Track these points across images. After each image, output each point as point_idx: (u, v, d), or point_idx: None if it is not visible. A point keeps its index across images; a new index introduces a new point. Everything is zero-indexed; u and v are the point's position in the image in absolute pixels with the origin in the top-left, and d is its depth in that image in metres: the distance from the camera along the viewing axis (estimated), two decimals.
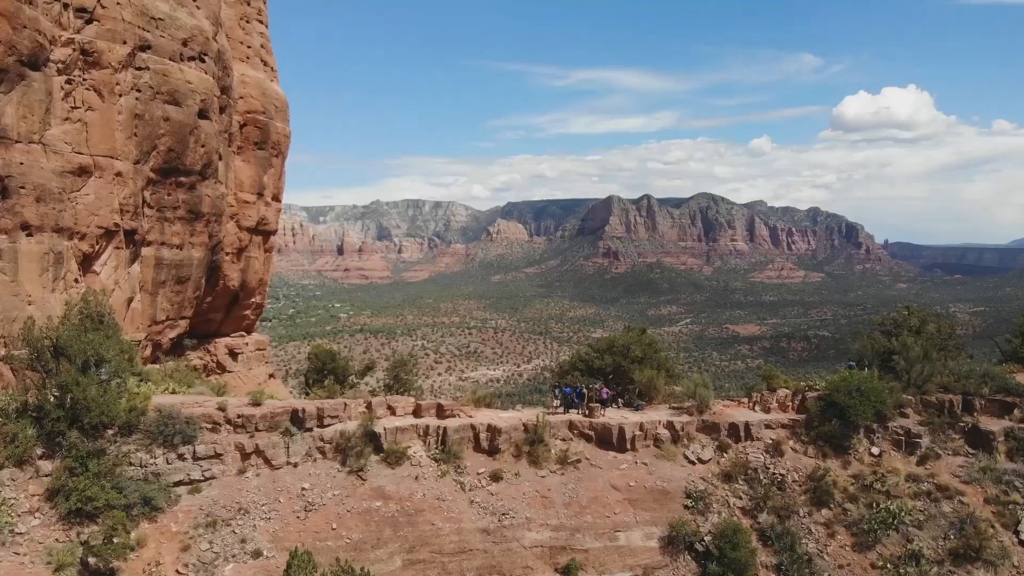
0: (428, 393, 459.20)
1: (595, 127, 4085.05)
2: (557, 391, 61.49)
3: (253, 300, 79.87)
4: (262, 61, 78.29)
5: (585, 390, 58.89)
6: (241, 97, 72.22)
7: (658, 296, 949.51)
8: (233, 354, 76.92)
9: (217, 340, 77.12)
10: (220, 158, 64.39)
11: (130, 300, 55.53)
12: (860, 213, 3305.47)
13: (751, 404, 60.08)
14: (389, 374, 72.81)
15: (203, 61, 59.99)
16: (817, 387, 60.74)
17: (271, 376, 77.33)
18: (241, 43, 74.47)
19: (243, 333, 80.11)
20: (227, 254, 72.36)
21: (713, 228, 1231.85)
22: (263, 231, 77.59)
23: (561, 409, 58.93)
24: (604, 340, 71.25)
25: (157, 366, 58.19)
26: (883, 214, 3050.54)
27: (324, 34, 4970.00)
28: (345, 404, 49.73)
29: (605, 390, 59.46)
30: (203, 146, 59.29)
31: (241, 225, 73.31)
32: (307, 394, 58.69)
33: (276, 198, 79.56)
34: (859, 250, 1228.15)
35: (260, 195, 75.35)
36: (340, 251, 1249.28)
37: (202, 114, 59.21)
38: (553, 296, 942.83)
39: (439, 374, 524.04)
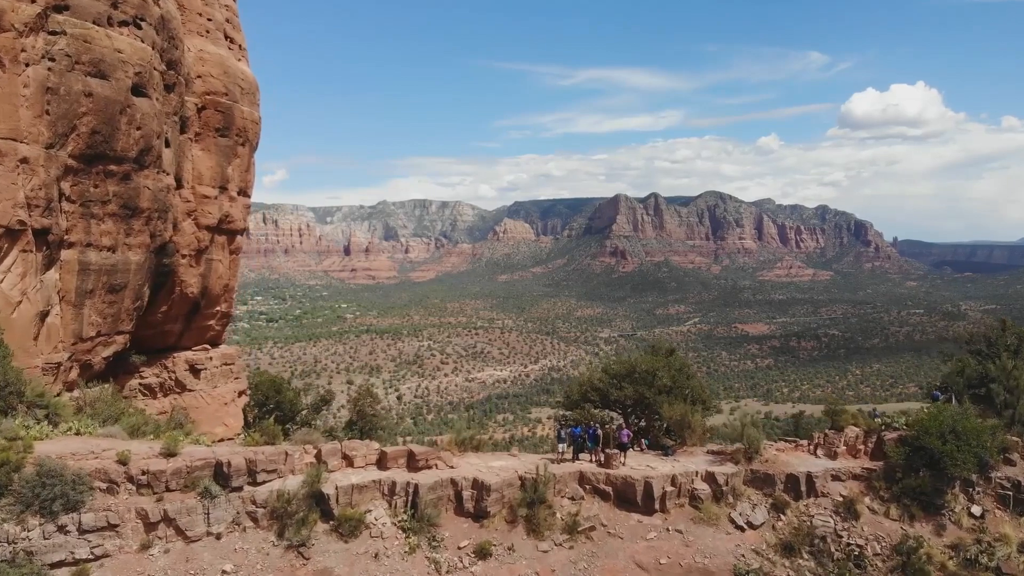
0: (433, 394, 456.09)
1: (601, 126, 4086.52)
2: (564, 432, 49.21)
3: (217, 309, 69.04)
4: (226, 37, 67.83)
5: (600, 431, 47.04)
6: (199, 76, 61.82)
7: (666, 295, 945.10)
8: (195, 370, 66.69)
9: (176, 355, 66.49)
10: (167, 145, 54.19)
11: (44, 314, 45.35)
12: (868, 211, 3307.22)
13: (812, 447, 48.12)
14: (351, 408, 61.16)
15: (139, 27, 49.66)
16: (896, 424, 48.64)
17: (241, 394, 67.04)
18: (200, 15, 63.93)
19: (207, 346, 69.56)
20: (184, 257, 61.98)
21: (721, 226, 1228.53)
22: (227, 230, 66.84)
23: (569, 455, 47.16)
24: (623, 363, 59.21)
25: (76, 394, 47.68)
26: (891, 212, 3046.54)
27: (329, 35, 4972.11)
28: (286, 454, 38.61)
29: (625, 431, 47.45)
30: (139, 128, 48.90)
31: (200, 223, 62.74)
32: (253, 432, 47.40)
33: (243, 192, 68.66)
34: (868, 248, 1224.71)
35: (223, 189, 64.72)
36: (347, 251, 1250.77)
37: (137, 90, 48.88)
38: (560, 296, 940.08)
39: (445, 375, 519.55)
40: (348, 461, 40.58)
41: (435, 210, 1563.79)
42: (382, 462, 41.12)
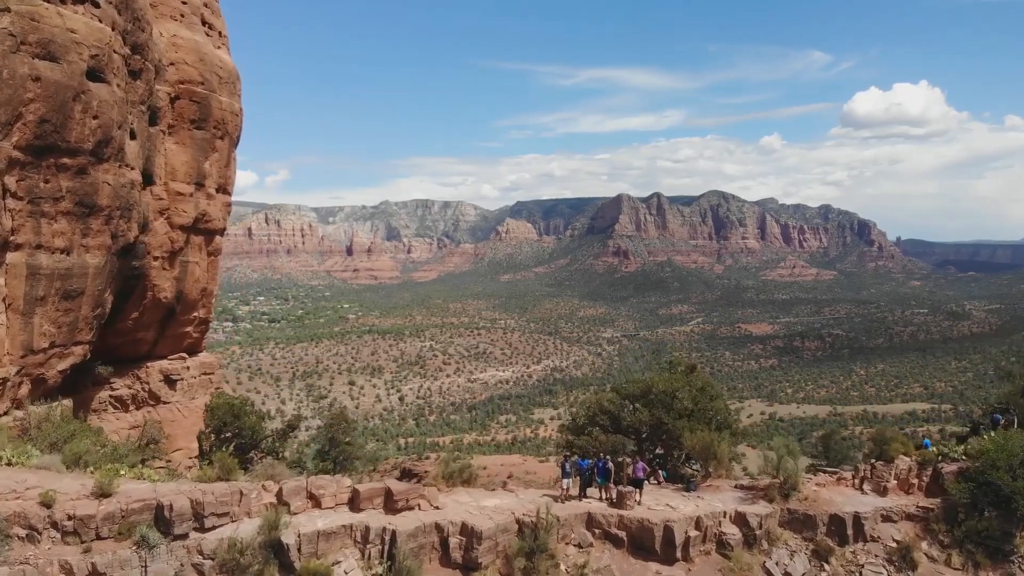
0: (435, 395, 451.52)
1: (603, 126, 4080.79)
2: (568, 464, 42.26)
3: (195, 315, 63.93)
4: (203, 22, 62.67)
5: (611, 464, 40.68)
6: (171, 64, 56.73)
7: (669, 295, 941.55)
8: (170, 381, 61.74)
9: (150, 364, 61.78)
10: (133, 136, 49.00)
11: None
12: (870, 210, 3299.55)
13: (857, 480, 41.57)
14: (323, 434, 56.50)
15: (96, 5, 44.36)
16: (955, 455, 41.94)
17: None
18: None
19: (184, 355, 64.24)
20: (156, 259, 57.09)
21: (724, 226, 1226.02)
22: (205, 230, 61.70)
23: (575, 490, 40.98)
24: (637, 383, 52.32)
25: (19, 413, 42.35)
26: (893, 211, 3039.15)
27: (332, 35, 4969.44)
28: (241, 493, 31.87)
29: (641, 465, 40.83)
30: (95, 117, 43.65)
31: (174, 223, 57.56)
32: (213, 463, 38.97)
33: (223, 190, 63.54)
34: (871, 247, 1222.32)
35: (200, 186, 59.49)
36: (349, 251, 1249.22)
37: (94, 75, 43.67)
38: (563, 296, 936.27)
39: (447, 375, 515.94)
40: (315, 501, 34.05)
41: (437, 210, 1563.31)
42: (355, 502, 34.21)
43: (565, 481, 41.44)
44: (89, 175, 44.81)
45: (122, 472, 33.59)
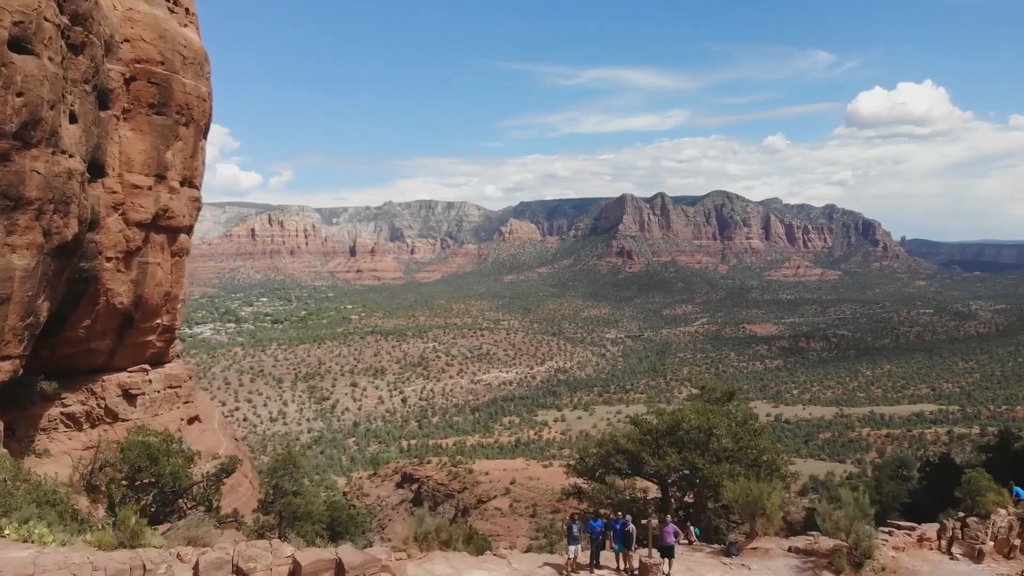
0: (438, 396, 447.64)
1: (607, 126, 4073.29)
2: (576, 526, 33.87)
3: (158, 322, 57.23)
4: None
5: (632, 527, 32.56)
6: (126, 40, 50.99)
7: (673, 295, 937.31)
8: (129, 395, 54.52)
9: (106, 378, 55.87)
10: (74, 120, 43.09)
11: None
12: (875, 210, 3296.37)
13: (944, 541, 33.21)
14: (267, 481, 45.57)
15: None
16: None
17: (192, 420, 55.55)
18: None
19: (146, 366, 57.34)
20: (109, 260, 51.67)
21: (728, 226, 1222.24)
22: (167, 227, 55.89)
23: (586, 559, 33.29)
24: (663, 416, 43.78)
25: None
26: (898, 211, 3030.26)
27: (336, 36, 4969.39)
28: (143, 568, 22.59)
29: (671, 528, 32.22)
30: (20, 95, 37.61)
31: (129, 219, 52.08)
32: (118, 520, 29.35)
33: (189, 183, 58.37)
34: (876, 247, 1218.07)
35: (160, 178, 53.39)
36: (352, 252, 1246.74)
37: (18, 45, 37.64)
38: (566, 296, 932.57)
39: (450, 377, 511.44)
40: None
41: (441, 211, 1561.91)
42: None
43: (572, 548, 33.19)
44: (13, 162, 38.85)
45: (5, 532, 26.11)
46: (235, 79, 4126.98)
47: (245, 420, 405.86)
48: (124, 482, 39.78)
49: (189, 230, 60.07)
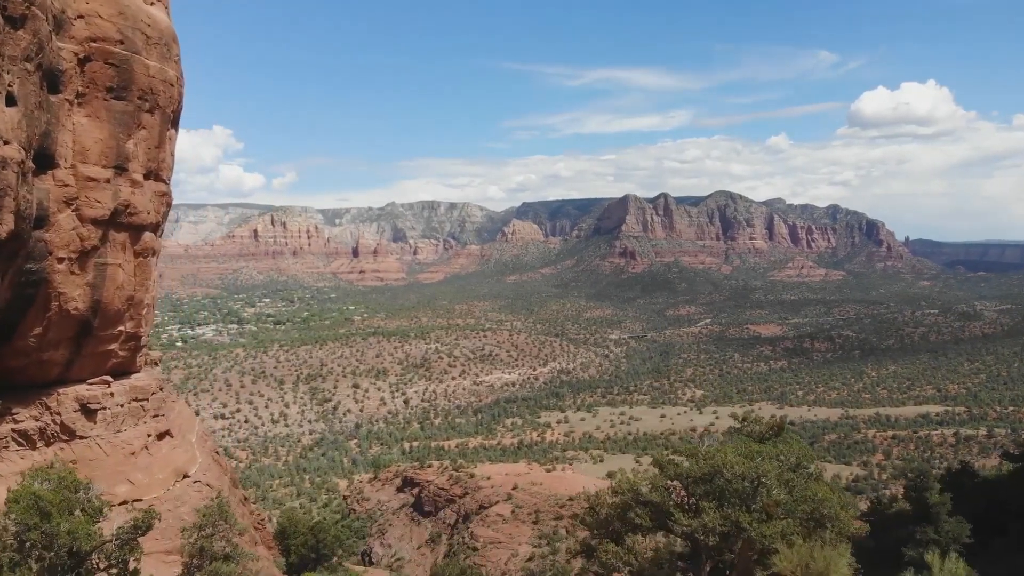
0: (441, 397, 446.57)
1: (610, 126, 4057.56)
2: None
3: (120, 329, 52.80)
4: None
5: None
6: (80, 16, 46.54)
7: (676, 296, 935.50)
8: (88, 410, 50.29)
9: (62, 391, 50.94)
10: (11, 102, 37.69)
11: None
12: (878, 210, 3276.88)
13: None
14: (189, 542, 37.90)
15: None
16: None
17: (163, 436, 50.21)
18: None
19: (108, 378, 53.00)
20: (61, 261, 46.97)
21: (731, 226, 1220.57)
22: (129, 225, 51.45)
23: None
24: (699, 460, 34.70)
25: None
26: (901, 211, 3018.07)
27: (338, 37, 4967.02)
28: None
29: None
30: None
31: (84, 216, 47.58)
32: None
33: (155, 175, 52.84)
34: (880, 247, 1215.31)
35: (121, 170, 49.70)
36: (355, 253, 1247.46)
37: None
38: (569, 297, 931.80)
39: (453, 378, 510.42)
40: None
41: (443, 211, 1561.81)
42: None
43: None
44: None
45: None
46: (238, 81, 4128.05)
47: (246, 422, 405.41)
48: (11, 549, 31.87)
49: (156, 228, 54.51)
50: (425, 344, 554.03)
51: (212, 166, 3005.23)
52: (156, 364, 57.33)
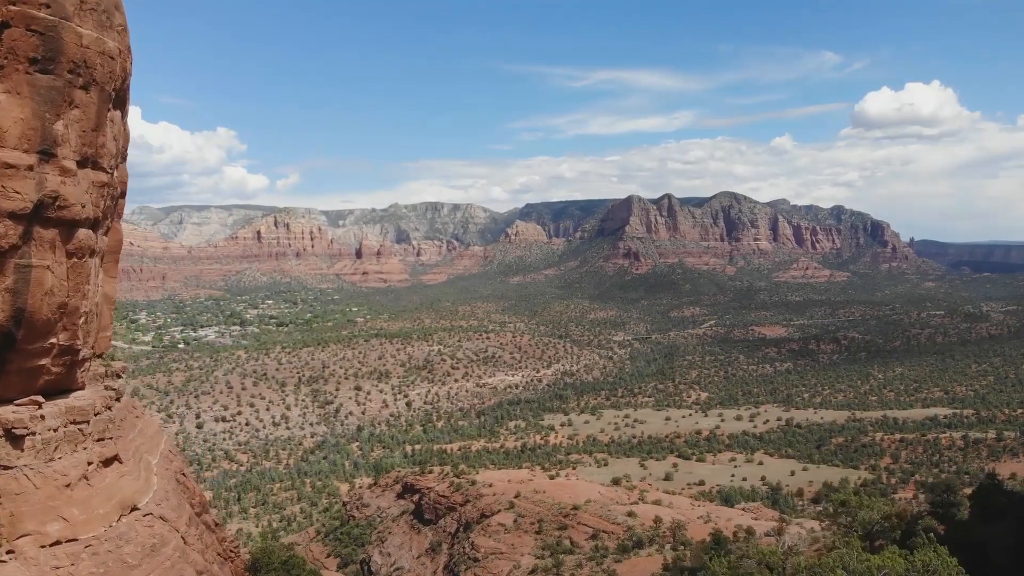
0: (443, 400, 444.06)
1: (614, 127, 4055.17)
2: None
3: (52, 341, 41.65)
4: None
5: None
6: None
7: (680, 297, 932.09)
8: (14, 436, 36.78)
9: None
10: None
11: None
12: (883, 211, 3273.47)
13: None
14: None
15: None
16: None
17: (109, 462, 39.42)
18: None
19: (38, 398, 39.07)
20: None
21: (736, 227, 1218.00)
22: (59, 220, 34.38)
23: None
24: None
25: None
26: (906, 211, 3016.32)
27: (341, 39, 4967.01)
28: None
29: None
30: None
31: (1, 209, 35.16)
32: None
33: (92, 163, 41.86)
34: (885, 248, 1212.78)
35: (47, 155, 33.72)
36: (358, 254, 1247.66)
37: None
38: (573, 298, 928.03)
39: (455, 380, 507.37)
40: None
41: (447, 213, 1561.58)
42: None
43: None
44: None
45: None
46: (242, 83, 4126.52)
47: (247, 425, 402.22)
48: None
49: (95, 224, 43.87)
50: (428, 346, 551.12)
51: (216, 168, 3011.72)
52: (118, 376, 47.79)
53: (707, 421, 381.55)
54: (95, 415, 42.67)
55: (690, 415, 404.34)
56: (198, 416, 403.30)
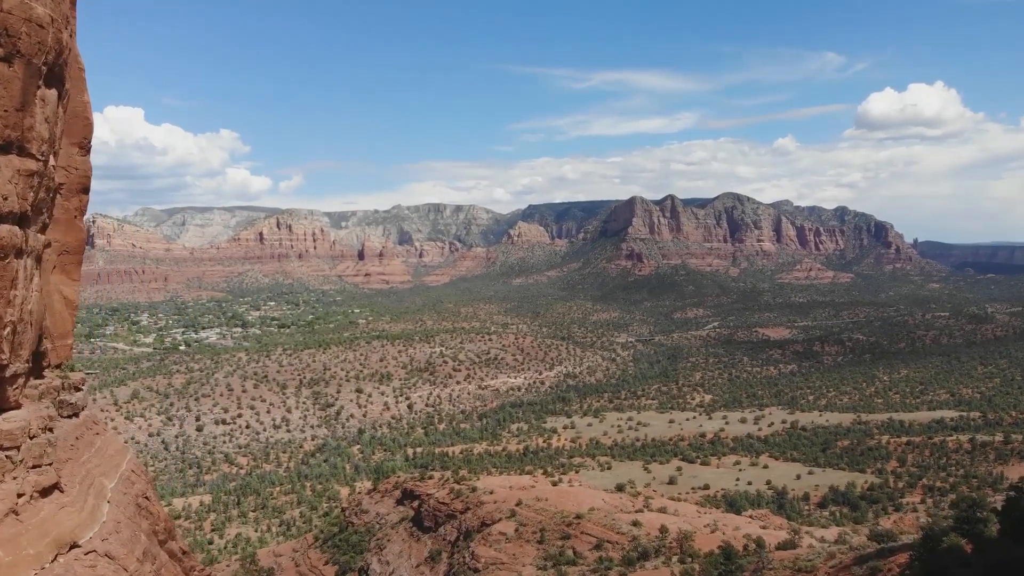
0: (445, 402, 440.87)
1: (616, 128, 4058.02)
2: None
3: None
4: None
5: None
6: None
7: (683, 299, 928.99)
8: None
9: None
10: None
11: None
12: (886, 212, 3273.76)
13: None
14: None
15: None
16: None
17: (47, 492, 30.73)
18: None
19: None
20: None
21: (739, 228, 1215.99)
22: None
23: None
24: None
25: None
26: (909, 212, 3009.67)
27: (344, 41, 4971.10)
28: None
29: None
30: None
31: None
32: None
33: (17, 147, 32.65)
34: (888, 249, 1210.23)
35: None
36: (361, 256, 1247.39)
37: None
38: (575, 299, 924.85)
39: (457, 382, 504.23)
40: None
41: (449, 214, 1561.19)
42: None
43: None
44: None
45: None
46: (246, 85, 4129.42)
47: (248, 427, 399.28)
48: None
49: (22, 219, 34.30)
50: (430, 348, 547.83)
51: (219, 169, 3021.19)
52: (77, 389, 42.09)
53: (711, 424, 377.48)
54: (30, 438, 35.55)
55: (694, 417, 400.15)
56: (198, 419, 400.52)
